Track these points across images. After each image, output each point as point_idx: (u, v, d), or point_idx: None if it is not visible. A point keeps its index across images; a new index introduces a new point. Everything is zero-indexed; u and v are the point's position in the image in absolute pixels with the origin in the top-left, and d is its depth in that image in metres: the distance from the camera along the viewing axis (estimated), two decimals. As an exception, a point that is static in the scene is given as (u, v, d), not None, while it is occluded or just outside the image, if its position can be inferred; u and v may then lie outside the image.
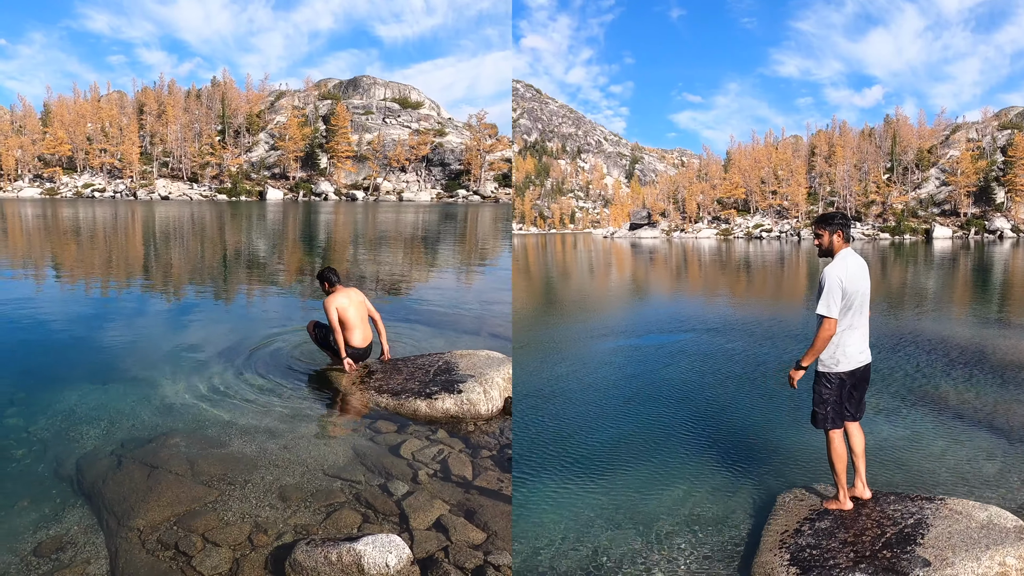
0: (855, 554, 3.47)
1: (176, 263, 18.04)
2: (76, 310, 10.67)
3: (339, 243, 25.43)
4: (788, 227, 75.03)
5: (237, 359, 7.26)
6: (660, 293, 21.39)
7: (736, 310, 15.96)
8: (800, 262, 34.99)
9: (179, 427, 5.35)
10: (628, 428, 6.21)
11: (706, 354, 9.36)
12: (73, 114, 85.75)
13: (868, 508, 3.97)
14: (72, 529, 3.85)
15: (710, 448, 5.60)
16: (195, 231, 30.83)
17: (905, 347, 9.58)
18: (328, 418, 5.62)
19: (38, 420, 5.44)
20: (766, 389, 7.32)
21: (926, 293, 18.66)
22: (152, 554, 3.58)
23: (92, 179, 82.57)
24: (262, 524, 3.88)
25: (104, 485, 4.33)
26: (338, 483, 4.43)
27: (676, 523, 4.27)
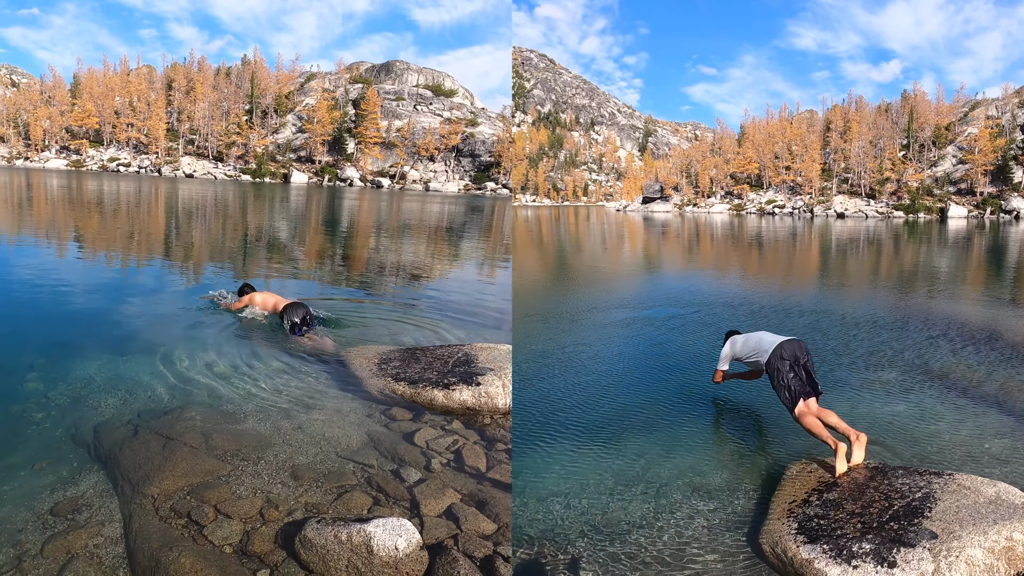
0: (862, 525, 3.64)
1: (197, 241, 18.58)
2: (97, 282, 11.10)
3: (362, 229, 25.83)
4: (801, 203, 76.15)
5: (255, 338, 7.49)
6: (672, 267, 22.03)
7: (747, 285, 16.53)
8: (812, 239, 35.50)
9: (195, 401, 5.56)
10: (637, 398, 6.41)
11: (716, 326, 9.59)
12: (102, 87, 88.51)
13: (876, 481, 4.13)
14: (88, 492, 4.06)
15: (719, 418, 5.90)
16: (218, 210, 31.64)
17: (916, 325, 9.86)
18: (343, 401, 5.77)
19: (57, 386, 5.72)
20: None
21: (938, 272, 19.04)
22: (165, 521, 3.76)
23: (118, 153, 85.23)
24: (273, 500, 4.04)
25: (120, 452, 4.55)
26: (350, 465, 4.57)
27: (684, 492, 4.48)
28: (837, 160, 78.91)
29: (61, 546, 3.47)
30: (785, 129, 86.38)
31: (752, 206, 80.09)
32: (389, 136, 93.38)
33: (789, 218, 65.34)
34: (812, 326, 9.74)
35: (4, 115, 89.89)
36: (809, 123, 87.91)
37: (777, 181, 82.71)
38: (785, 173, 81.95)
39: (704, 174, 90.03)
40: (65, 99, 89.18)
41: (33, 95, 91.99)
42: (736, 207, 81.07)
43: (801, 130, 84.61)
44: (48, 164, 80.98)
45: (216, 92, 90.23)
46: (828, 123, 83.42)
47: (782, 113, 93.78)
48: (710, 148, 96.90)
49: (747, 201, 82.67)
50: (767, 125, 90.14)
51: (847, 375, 7.16)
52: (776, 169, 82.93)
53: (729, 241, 34.04)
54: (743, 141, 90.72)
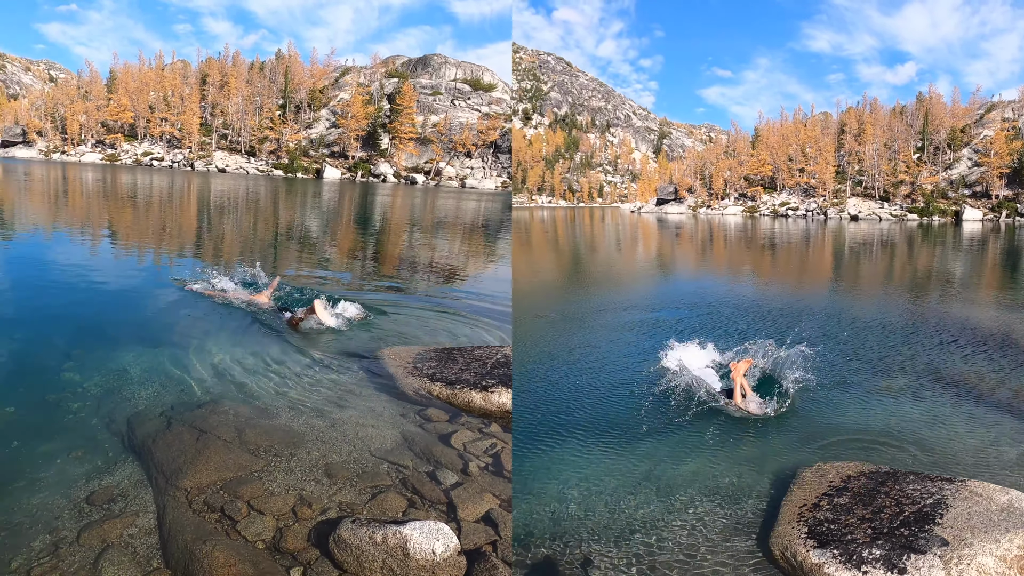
0: (872, 530, 3.74)
1: (228, 236, 19.16)
2: (130, 275, 11.55)
3: (395, 226, 26.20)
4: (815, 205, 78.71)
5: (286, 334, 7.67)
6: (684, 269, 22.90)
7: (758, 288, 17.11)
8: (825, 241, 36.41)
9: (227, 395, 5.72)
10: (646, 400, 6.56)
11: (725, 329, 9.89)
12: (137, 82, 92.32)
13: (887, 486, 4.23)
14: (123, 482, 4.21)
15: (729, 421, 6.06)
16: (249, 205, 32.57)
17: (928, 330, 10.08)
18: (377, 400, 5.85)
19: (93, 376, 5.96)
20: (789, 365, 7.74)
21: (952, 276, 19.41)
22: (198, 514, 3.87)
23: (152, 147, 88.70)
24: (307, 498, 4.12)
25: (154, 444, 4.71)
26: (385, 466, 4.62)
27: (696, 493, 4.65)
28: (851, 162, 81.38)
29: (97, 534, 3.61)
30: (799, 131, 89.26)
31: (765, 208, 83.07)
32: (425, 131, 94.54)
33: (802, 220, 67.95)
34: (823, 330, 9.85)
35: (43, 110, 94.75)
36: (823, 125, 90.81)
37: (791, 183, 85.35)
38: (799, 175, 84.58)
39: (718, 176, 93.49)
40: (101, 94, 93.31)
41: (70, 90, 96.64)
42: (749, 209, 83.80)
43: (815, 132, 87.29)
44: (84, 158, 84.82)
45: (250, 87, 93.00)
46: (842, 125, 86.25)
47: (796, 115, 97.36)
48: (724, 150, 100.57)
49: (760, 203, 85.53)
50: (781, 127, 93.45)
51: (859, 379, 7.27)
52: (790, 171, 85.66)
53: (741, 243, 35.03)
54: (757, 143, 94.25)
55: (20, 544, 3.47)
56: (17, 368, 6.13)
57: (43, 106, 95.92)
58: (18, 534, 3.55)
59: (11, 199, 26.86)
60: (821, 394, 6.68)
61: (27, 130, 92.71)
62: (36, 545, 3.47)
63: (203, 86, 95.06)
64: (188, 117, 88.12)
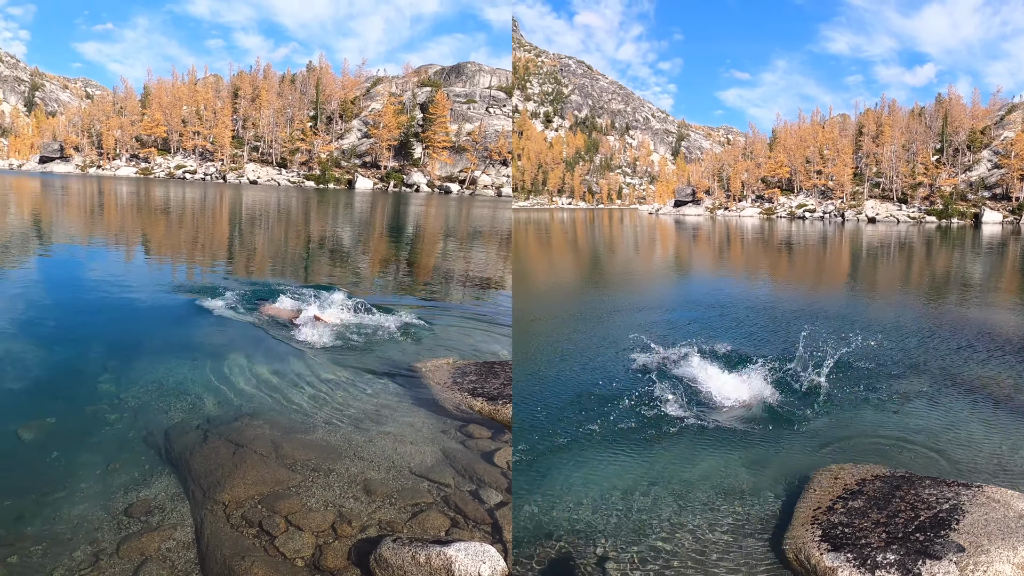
0: (887, 535, 3.81)
1: (260, 247, 19.60)
2: (164, 286, 11.88)
3: (428, 236, 26.45)
4: (832, 207, 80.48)
5: (324, 346, 7.76)
6: (700, 270, 23.69)
7: (774, 291, 17.61)
8: (842, 244, 37.02)
9: (264, 409, 5.80)
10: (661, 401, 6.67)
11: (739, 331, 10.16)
12: (170, 96, 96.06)
13: (902, 490, 4.30)
14: (160, 495, 4.29)
15: (743, 423, 6.16)
16: (281, 217, 33.34)
17: (946, 333, 10.23)
18: (415, 415, 5.85)
19: (129, 389, 6.12)
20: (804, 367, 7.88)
21: (970, 279, 19.75)
22: (236, 529, 3.91)
23: (184, 160, 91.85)
24: (346, 515, 4.12)
25: (191, 457, 4.79)
26: (425, 484, 4.60)
27: (710, 493, 4.76)
28: (869, 164, 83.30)
29: (135, 547, 3.67)
30: (817, 133, 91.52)
31: (783, 210, 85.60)
32: (459, 140, 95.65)
33: (819, 222, 69.21)
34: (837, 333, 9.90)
35: (79, 126, 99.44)
36: (841, 127, 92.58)
37: (808, 185, 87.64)
38: (816, 177, 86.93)
39: (735, 178, 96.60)
40: (135, 109, 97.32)
41: (106, 106, 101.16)
42: (766, 211, 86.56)
43: (833, 134, 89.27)
44: (118, 172, 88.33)
45: (281, 99, 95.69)
46: (860, 127, 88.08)
47: (814, 117, 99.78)
48: (742, 152, 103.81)
49: (778, 205, 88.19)
50: (799, 129, 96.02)
51: (874, 382, 7.32)
52: (807, 173, 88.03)
53: (758, 245, 35.86)
54: (775, 145, 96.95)
55: (62, 554, 3.55)
56: (56, 379, 6.34)
57: (80, 122, 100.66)
58: (60, 544, 3.64)
59: (49, 213, 28.08)
60: (835, 396, 6.84)
61: (64, 146, 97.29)
62: (77, 555, 3.55)
63: (235, 99, 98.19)
64: (220, 130, 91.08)
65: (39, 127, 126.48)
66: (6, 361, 6.71)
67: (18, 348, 7.17)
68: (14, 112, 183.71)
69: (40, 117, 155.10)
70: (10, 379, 6.21)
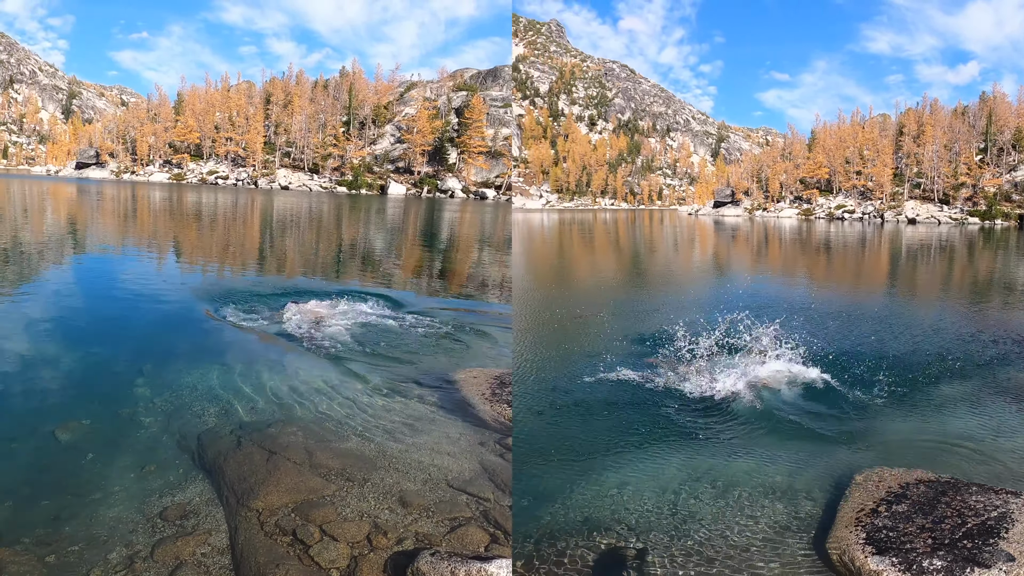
0: (933, 540, 3.86)
1: (291, 253, 20.02)
2: (197, 291, 12.21)
3: (463, 243, 26.65)
4: (871, 208, 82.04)
5: (357, 353, 7.86)
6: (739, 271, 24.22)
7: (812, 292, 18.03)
8: (881, 245, 37.83)
9: (297, 415, 5.90)
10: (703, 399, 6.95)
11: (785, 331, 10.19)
12: (204, 103, 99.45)
13: (948, 496, 4.34)
14: (194, 499, 4.39)
15: (787, 421, 6.33)
16: (312, 222, 34.03)
17: (991, 337, 10.23)
18: (453, 426, 5.87)
19: (163, 393, 6.29)
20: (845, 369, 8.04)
21: (1015, 282, 19.99)
22: (270, 537, 3.97)
23: (216, 166, 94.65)
24: (381, 526, 4.15)
25: (224, 462, 4.90)
26: (463, 497, 4.61)
27: (751, 493, 4.88)
28: (910, 165, 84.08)
29: (170, 551, 3.77)
30: (857, 134, 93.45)
31: (821, 211, 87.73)
32: (495, 145, 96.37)
33: (858, 223, 70.47)
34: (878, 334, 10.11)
35: (114, 132, 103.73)
36: (882, 127, 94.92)
37: (847, 186, 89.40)
38: (855, 178, 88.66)
39: (774, 179, 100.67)
40: (169, 116, 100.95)
41: (140, 113, 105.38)
42: (805, 212, 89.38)
43: (873, 134, 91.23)
44: (152, 178, 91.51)
45: (313, 105, 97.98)
46: (901, 127, 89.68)
47: (854, 118, 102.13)
48: (780, 153, 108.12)
49: (816, 206, 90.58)
50: (838, 130, 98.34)
51: (917, 386, 7.34)
52: (847, 174, 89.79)
53: (796, 246, 36.96)
54: (814, 146, 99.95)
55: (98, 555, 3.67)
56: (90, 382, 6.58)
57: (115, 129, 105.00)
58: (96, 545, 3.76)
59: (85, 218, 29.21)
60: (877, 398, 6.91)
61: (100, 152, 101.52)
62: (113, 557, 3.66)
63: (267, 105, 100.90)
64: (252, 136, 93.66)
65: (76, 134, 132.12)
66: (42, 363, 6.98)
67: (54, 350, 7.46)
68: (52, 120, 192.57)
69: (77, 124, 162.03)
70: (46, 381, 6.46)
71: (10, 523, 3.93)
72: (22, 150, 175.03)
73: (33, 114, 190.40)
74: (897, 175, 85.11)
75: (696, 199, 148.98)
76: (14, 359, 7.04)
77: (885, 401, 6.86)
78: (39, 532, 3.84)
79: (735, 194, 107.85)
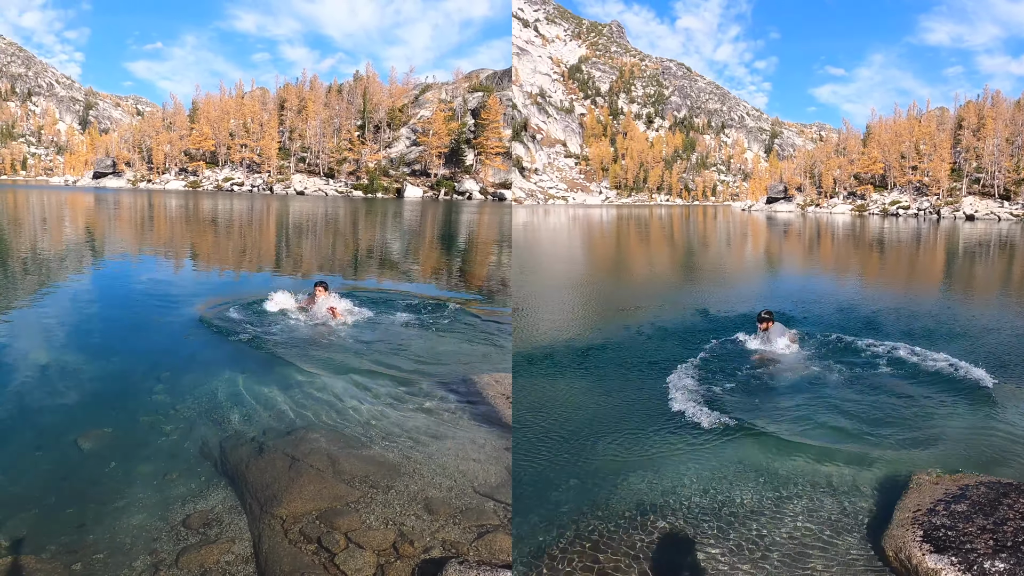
0: (995, 542, 3.81)
1: (308, 257, 20.15)
2: (215, 297, 12.31)
3: (481, 245, 26.65)
4: (927, 204, 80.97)
5: (379, 359, 7.86)
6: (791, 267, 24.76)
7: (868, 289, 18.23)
8: (937, 242, 37.05)
9: (318, 422, 5.90)
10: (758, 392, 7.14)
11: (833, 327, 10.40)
12: (218, 110, 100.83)
13: (1010, 498, 4.28)
14: (217, 507, 4.40)
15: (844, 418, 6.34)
16: (328, 227, 34.26)
17: None
18: (477, 431, 5.83)
19: (184, 399, 6.33)
20: (909, 366, 8.17)
21: None
22: (295, 545, 3.96)
23: (232, 173, 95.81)
24: (407, 534, 4.12)
25: (247, 469, 4.90)
26: (490, 504, 4.56)
27: (806, 487, 4.95)
28: (968, 159, 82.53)
29: (195, 559, 3.77)
30: (913, 128, 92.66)
31: (875, 207, 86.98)
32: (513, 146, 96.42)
33: (913, 220, 69.81)
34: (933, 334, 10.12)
35: (131, 142, 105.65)
36: (939, 121, 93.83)
37: (903, 181, 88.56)
38: (911, 173, 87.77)
39: (828, 174, 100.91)
40: (184, 124, 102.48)
41: (156, 122, 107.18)
42: (859, 208, 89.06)
43: (930, 128, 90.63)
44: (168, 186, 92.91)
45: (327, 109, 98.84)
46: (960, 120, 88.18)
47: (910, 111, 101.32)
48: (834, 149, 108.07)
49: (870, 202, 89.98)
50: (894, 124, 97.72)
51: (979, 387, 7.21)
52: (902, 169, 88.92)
53: (849, 242, 36.84)
54: (868, 141, 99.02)
55: (123, 563, 3.68)
56: (111, 390, 6.63)
57: (131, 138, 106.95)
58: (121, 553, 3.77)
59: (103, 227, 29.68)
60: (937, 398, 6.90)
61: (117, 161, 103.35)
62: (138, 565, 3.68)
63: (281, 111, 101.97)
64: (267, 142, 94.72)
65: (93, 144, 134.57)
66: (63, 372, 7.06)
67: (74, 359, 7.54)
68: (69, 130, 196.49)
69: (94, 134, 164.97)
70: (67, 389, 6.53)
71: (36, 531, 3.96)
72: (40, 161, 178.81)
73: (51, 125, 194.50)
74: (955, 170, 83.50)
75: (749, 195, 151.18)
76: (36, 368, 7.13)
77: (945, 401, 6.81)
78: (64, 540, 3.87)
79: (788, 190, 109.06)
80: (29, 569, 3.59)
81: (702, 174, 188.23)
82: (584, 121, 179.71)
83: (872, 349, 8.71)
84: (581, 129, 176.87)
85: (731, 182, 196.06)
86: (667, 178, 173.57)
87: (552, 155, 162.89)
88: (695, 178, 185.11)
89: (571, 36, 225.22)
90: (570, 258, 27.39)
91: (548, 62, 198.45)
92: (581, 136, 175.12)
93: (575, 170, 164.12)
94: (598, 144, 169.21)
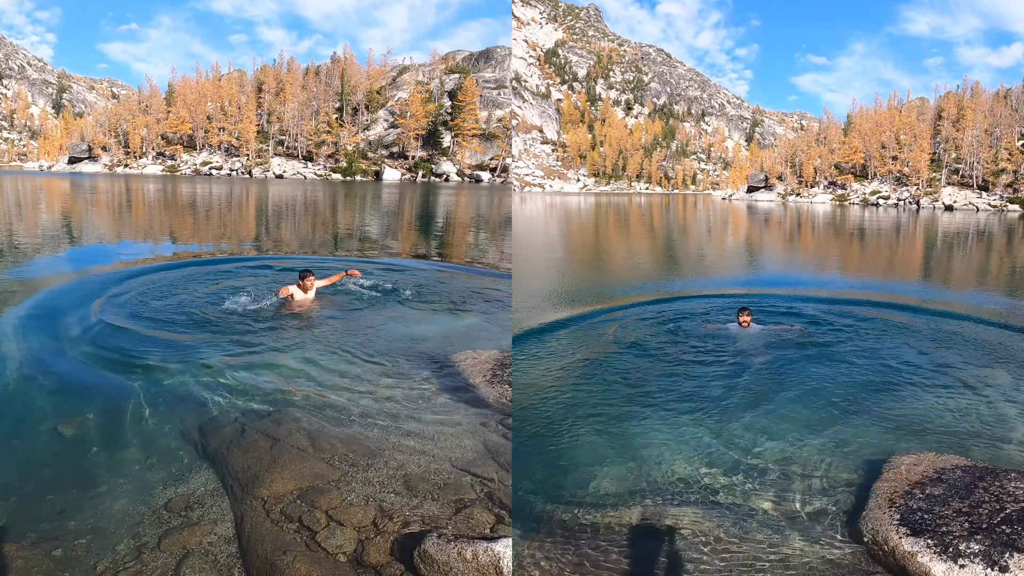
0: (970, 524, 3.84)
1: (287, 240, 19.93)
2: (193, 281, 12.15)
3: (459, 225, 26.56)
4: (907, 194, 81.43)
5: (357, 338, 7.84)
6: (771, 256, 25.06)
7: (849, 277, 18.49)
8: (916, 232, 37.49)
9: (299, 401, 5.88)
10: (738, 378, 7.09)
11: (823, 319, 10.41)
12: (195, 93, 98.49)
13: (986, 481, 4.32)
14: (199, 490, 4.38)
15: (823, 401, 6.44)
16: (307, 210, 33.87)
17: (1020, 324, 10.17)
18: (455, 409, 5.86)
19: (163, 383, 6.26)
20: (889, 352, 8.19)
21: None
22: (276, 524, 3.97)
23: (210, 157, 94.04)
24: (387, 509, 4.15)
25: (227, 451, 4.88)
26: (468, 478, 4.60)
27: (783, 470, 4.99)
28: (948, 150, 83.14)
29: (177, 541, 3.76)
30: (894, 118, 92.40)
31: (856, 197, 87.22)
32: (489, 127, 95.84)
33: (893, 210, 69.79)
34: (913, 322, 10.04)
35: (106, 126, 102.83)
36: (919, 111, 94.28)
37: (883, 171, 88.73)
38: (891, 163, 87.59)
39: (808, 164, 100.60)
40: (161, 107, 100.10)
41: (132, 106, 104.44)
42: (839, 197, 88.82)
43: (910, 119, 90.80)
44: (145, 170, 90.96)
45: (305, 92, 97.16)
46: (940, 111, 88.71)
47: (891, 102, 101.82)
48: (815, 138, 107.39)
49: (851, 192, 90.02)
50: (875, 114, 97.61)
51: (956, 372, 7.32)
52: (882, 159, 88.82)
53: (829, 232, 36.86)
54: (849, 131, 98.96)
55: (106, 548, 3.66)
56: (90, 377, 6.52)
57: (107, 122, 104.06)
58: (103, 538, 3.75)
59: (79, 212, 29.03)
60: (915, 382, 6.99)
61: (92, 146, 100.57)
62: (120, 549, 3.66)
63: (259, 94, 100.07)
64: (245, 125, 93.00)
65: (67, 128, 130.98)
66: (43, 359, 6.94)
67: (52, 346, 7.41)
68: (43, 114, 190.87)
69: (68, 119, 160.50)
70: (48, 377, 6.42)
71: (16, 518, 3.92)
72: (13, 146, 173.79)
73: (23, 109, 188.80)
74: (934, 160, 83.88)
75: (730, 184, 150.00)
76: (14, 356, 6.99)
77: (921, 386, 6.88)
78: (45, 527, 3.83)
79: (768, 179, 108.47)
80: (10, 556, 3.56)
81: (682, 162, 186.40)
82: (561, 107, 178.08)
83: (849, 336, 8.79)
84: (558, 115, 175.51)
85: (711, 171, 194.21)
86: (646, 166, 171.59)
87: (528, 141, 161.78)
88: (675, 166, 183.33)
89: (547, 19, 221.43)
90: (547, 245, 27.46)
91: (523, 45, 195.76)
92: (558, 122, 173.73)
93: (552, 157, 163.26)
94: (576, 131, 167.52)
